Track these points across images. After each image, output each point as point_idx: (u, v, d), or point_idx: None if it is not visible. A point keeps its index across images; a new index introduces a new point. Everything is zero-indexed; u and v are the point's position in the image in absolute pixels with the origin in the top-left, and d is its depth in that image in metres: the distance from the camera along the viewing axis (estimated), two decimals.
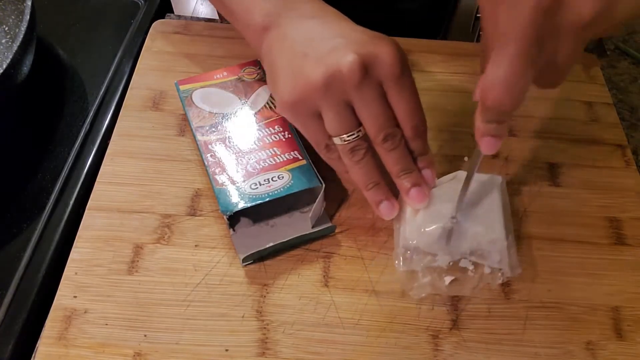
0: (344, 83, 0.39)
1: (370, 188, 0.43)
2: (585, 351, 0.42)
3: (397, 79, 0.40)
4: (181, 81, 0.51)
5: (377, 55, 0.39)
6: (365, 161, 0.42)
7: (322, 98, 0.40)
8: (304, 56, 0.40)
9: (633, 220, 0.49)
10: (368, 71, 0.39)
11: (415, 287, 0.44)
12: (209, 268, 0.44)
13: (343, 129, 0.41)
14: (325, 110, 0.40)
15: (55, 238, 0.47)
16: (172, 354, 0.40)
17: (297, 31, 0.42)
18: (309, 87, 0.39)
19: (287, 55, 0.41)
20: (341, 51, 0.39)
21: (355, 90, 0.39)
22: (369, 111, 0.40)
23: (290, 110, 0.42)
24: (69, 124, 0.55)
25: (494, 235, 0.43)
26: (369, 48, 0.39)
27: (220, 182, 0.44)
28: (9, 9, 0.58)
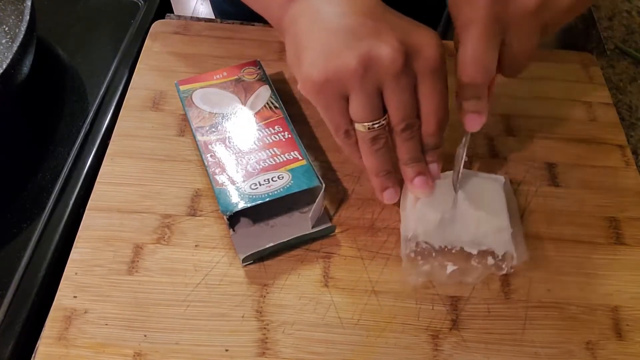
0: (383, 70, 0.37)
1: (382, 175, 0.44)
2: (585, 351, 0.42)
3: (435, 73, 0.39)
4: (181, 81, 0.51)
5: (419, 47, 0.38)
6: (382, 150, 0.42)
7: (355, 82, 0.38)
8: (339, 34, 0.38)
9: (632, 220, 0.49)
10: (408, 61, 0.38)
11: (414, 273, 0.44)
12: (209, 268, 0.44)
13: (370, 117, 0.40)
14: (356, 95, 0.39)
15: (55, 238, 0.47)
16: (172, 354, 0.40)
17: (328, 5, 0.39)
18: (344, 68, 0.37)
19: (319, 30, 0.39)
20: (384, 36, 0.37)
21: (392, 79, 0.38)
22: (398, 100, 0.39)
23: (316, 90, 0.39)
24: (69, 124, 0.55)
25: (499, 222, 0.44)
26: (412, 37, 0.38)
27: (220, 182, 0.44)
28: (9, 9, 0.58)
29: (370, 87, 0.38)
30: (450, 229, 0.44)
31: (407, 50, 0.37)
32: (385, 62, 0.37)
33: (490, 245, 0.44)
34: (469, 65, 0.39)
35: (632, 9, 0.69)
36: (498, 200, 0.45)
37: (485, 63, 0.39)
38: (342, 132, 0.41)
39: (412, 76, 0.39)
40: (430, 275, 0.44)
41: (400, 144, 0.42)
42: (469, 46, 0.39)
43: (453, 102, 0.42)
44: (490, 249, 0.44)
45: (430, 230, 0.44)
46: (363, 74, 0.37)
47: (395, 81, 0.38)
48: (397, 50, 0.37)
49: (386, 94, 0.39)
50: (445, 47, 0.39)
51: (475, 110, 0.41)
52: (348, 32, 0.38)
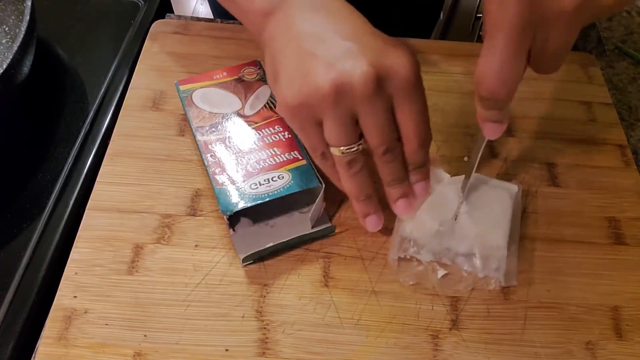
0: (354, 95, 0.37)
1: (361, 200, 0.43)
2: (585, 351, 0.42)
3: (410, 93, 0.38)
4: (181, 81, 0.51)
5: (391, 67, 0.37)
6: (360, 174, 0.41)
7: (328, 107, 0.37)
8: (313, 57, 0.37)
9: (632, 220, 0.49)
10: (381, 84, 0.37)
11: (406, 275, 0.44)
12: (209, 268, 0.44)
13: (344, 141, 0.39)
14: (329, 120, 0.38)
15: (56, 238, 0.47)
16: (172, 354, 0.40)
17: (305, 23, 0.39)
18: (316, 93, 0.37)
19: (293, 52, 0.39)
20: (354, 59, 0.37)
21: (364, 103, 0.37)
22: (374, 124, 0.38)
23: (290, 113, 0.40)
24: (69, 124, 0.55)
25: (496, 241, 0.43)
26: (384, 58, 0.37)
27: (220, 182, 0.44)
28: (9, 9, 0.58)
29: (343, 112, 0.38)
30: (445, 241, 0.44)
31: (378, 73, 0.37)
32: (357, 87, 0.36)
33: (484, 262, 0.44)
34: (491, 79, 0.35)
35: (632, 9, 0.69)
36: (502, 216, 0.45)
37: (511, 78, 0.35)
38: (319, 154, 0.41)
39: (386, 98, 0.38)
40: (421, 278, 0.44)
41: (381, 166, 0.41)
42: (492, 58, 0.35)
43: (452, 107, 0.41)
44: (482, 264, 0.44)
45: (425, 238, 0.44)
46: (335, 100, 0.37)
47: (369, 106, 0.37)
48: (368, 74, 0.36)
49: (361, 119, 0.38)
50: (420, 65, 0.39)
51: (496, 120, 0.39)
52: (321, 55, 0.37)
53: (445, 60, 0.59)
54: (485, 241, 0.44)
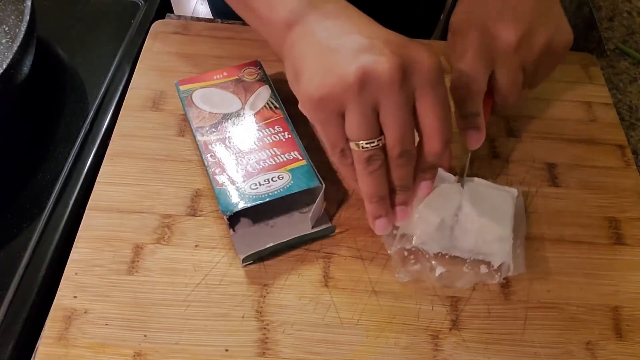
0: (380, 85, 0.36)
1: (375, 201, 0.42)
2: (585, 351, 0.42)
3: (434, 85, 0.38)
4: (181, 81, 0.51)
5: (416, 60, 0.37)
6: (378, 173, 0.40)
7: (352, 97, 0.37)
8: (336, 52, 0.38)
9: (632, 220, 0.49)
10: (406, 75, 0.37)
11: (403, 271, 0.44)
12: (209, 268, 0.44)
13: (365, 135, 0.38)
14: (352, 111, 0.38)
15: (55, 238, 0.47)
16: (172, 354, 0.40)
17: (325, 29, 0.39)
18: (341, 83, 0.37)
19: (315, 51, 0.39)
20: (379, 50, 0.37)
21: (389, 94, 0.37)
22: (395, 119, 0.38)
23: (314, 107, 0.39)
24: (69, 124, 0.55)
25: (501, 231, 0.43)
26: (407, 51, 0.37)
27: (220, 182, 0.44)
28: (9, 9, 0.58)
29: (367, 104, 0.37)
30: (449, 234, 0.44)
31: (404, 64, 0.37)
32: (383, 76, 0.36)
33: (488, 254, 0.44)
34: (463, 76, 0.44)
35: (633, 9, 0.69)
36: (504, 210, 0.45)
37: (476, 73, 0.44)
38: (338, 151, 0.40)
39: (410, 93, 0.38)
40: (419, 275, 0.44)
41: (394, 169, 0.41)
42: (462, 65, 0.44)
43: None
44: (486, 259, 0.44)
45: (428, 233, 0.44)
46: (360, 89, 0.37)
47: (392, 96, 0.37)
48: (394, 63, 0.36)
49: (382, 112, 0.38)
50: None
51: (475, 126, 0.45)
52: (344, 49, 0.38)
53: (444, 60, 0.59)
54: (488, 233, 0.43)
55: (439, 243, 0.44)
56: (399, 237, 0.45)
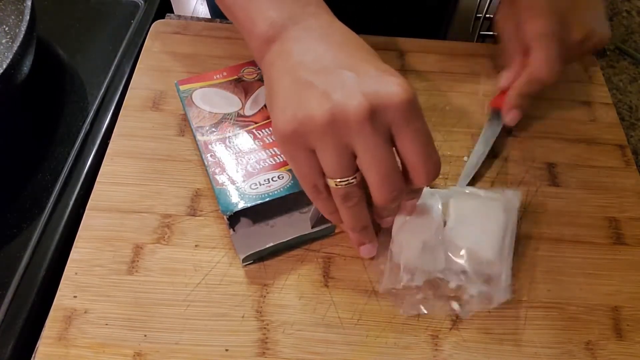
0: (349, 126, 0.36)
1: (357, 231, 0.42)
2: (585, 351, 0.42)
3: (409, 122, 0.36)
4: (181, 81, 0.51)
5: (387, 96, 0.36)
6: (357, 207, 0.40)
7: (321, 136, 0.36)
8: (309, 86, 0.37)
9: (632, 220, 0.49)
10: (376, 115, 0.35)
11: (407, 305, 0.43)
12: (209, 268, 0.44)
13: (339, 173, 0.37)
14: (322, 150, 0.37)
15: (55, 238, 0.47)
16: (172, 354, 0.40)
17: (303, 53, 0.39)
18: (310, 122, 0.36)
19: (290, 79, 0.38)
20: (350, 90, 0.36)
21: (359, 135, 0.36)
22: (371, 158, 0.37)
23: (283, 140, 0.38)
24: (69, 124, 0.55)
25: (487, 255, 0.42)
26: (379, 87, 0.36)
27: (220, 182, 0.44)
28: (9, 9, 0.58)
29: (338, 143, 0.36)
30: (433, 258, 0.42)
31: (372, 105, 0.35)
32: (351, 119, 0.35)
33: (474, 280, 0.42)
34: (544, 67, 0.49)
35: (632, 9, 0.69)
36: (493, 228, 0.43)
37: (556, 67, 0.49)
38: (310, 186, 0.40)
39: (385, 131, 0.36)
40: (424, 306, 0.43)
41: (376, 206, 0.40)
42: (541, 51, 0.48)
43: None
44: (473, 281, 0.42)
45: (413, 260, 0.42)
46: (329, 130, 0.36)
47: (364, 138, 0.36)
48: (363, 104, 0.35)
49: (357, 152, 0.37)
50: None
51: (522, 107, 0.52)
52: (318, 85, 0.37)
53: (446, 60, 0.59)
54: (476, 257, 0.42)
55: (426, 269, 0.42)
56: (388, 273, 0.43)
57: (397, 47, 0.59)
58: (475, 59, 0.59)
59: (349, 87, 0.36)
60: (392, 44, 0.59)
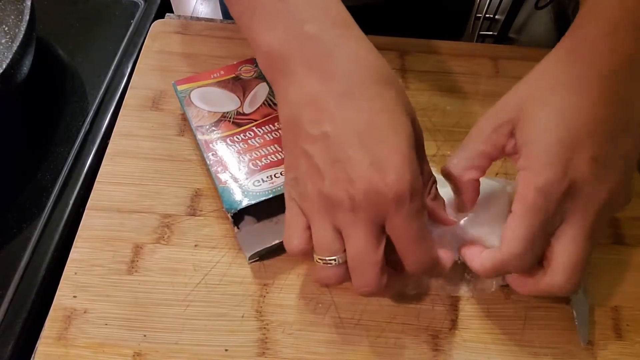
0: (336, 215, 0.35)
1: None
2: (585, 351, 0.42)
3: (395, 215, 0.34)
4: (179, 81, 0.51)
5: (377, 187, 0.33)
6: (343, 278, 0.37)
7: (312, 214, 0.36)
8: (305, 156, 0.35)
9: (632, 220, 0.49)
10: (363, 207, 0.34)
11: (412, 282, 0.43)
12: (209, 268, 0.44)
13: (320, 251, 0.36)
14: (312, 225, 0.36)
15: (55, 238, 0.47)
16: (171, 354, 0.40)
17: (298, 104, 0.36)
18: (302, 198, 0.36)
19: (290, 134, 0.37)
20: (340, 177, 0.34)
21: (344, 223, 0.35)
22: (349, 248, 0.35)
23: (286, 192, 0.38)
24: (68, 124, 0.55)
25: (493, 242, 0.43)
26: (370, 179, 0.33)
27: (223, 181, 0.44)
28: (9, 9, 0.58)
29: (326, 224, 0.35)
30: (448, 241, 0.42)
31: (359, 198, 0.33)
32: (338, 208, 0.34)
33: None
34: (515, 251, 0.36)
35: None
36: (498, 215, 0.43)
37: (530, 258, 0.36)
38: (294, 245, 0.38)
39: (373, 219, 0.34)
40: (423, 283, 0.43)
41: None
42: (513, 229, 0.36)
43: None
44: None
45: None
46: (317, 210, 0.35)
47: (348, 225, 0.35)
48: (349, 196, 0.34)
49: (344, 235, 0.35)
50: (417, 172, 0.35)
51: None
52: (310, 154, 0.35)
53: (446, 60, 0.59)
54: (486, 241, 0.43)
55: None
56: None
57: (398, 47, 0.59)
58: (476, 59, 0.59)
59: (340, 173, 0.34)
60: (393, 44, 0.59)
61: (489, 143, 0.38)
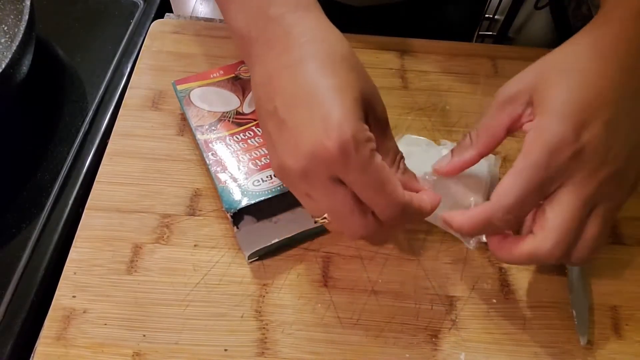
0: (294, 182, 0.36)
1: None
2: (584, 351, 0.42)
3: (345, 173, 0.34)
4: (178, 81, 0.51)
5: (321, 146, 0.33)
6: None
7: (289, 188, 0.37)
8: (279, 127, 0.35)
9: (631, 220, 0.49)
10: (315, 166, 0.33)
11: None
12: (208, 268, 0.44)
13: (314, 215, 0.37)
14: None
15: (55, 238, 0.47)
16: (171, 354, 0.40)
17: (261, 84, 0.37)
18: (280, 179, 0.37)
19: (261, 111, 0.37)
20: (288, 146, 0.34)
21: (308, 188, 0.35)
22: (324, 208, 0.36)
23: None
24: (68, 124, 0.55)
25: (475, 199, 0.42)
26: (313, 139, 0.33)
27: (223, 180, 0.44)
28: (8, 9, 0.58)
29: (298, 192, 0.36)
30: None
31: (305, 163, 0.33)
32: (292, 177, 0.35)
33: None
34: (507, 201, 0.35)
35: None
36: (479, 178, 0.44)
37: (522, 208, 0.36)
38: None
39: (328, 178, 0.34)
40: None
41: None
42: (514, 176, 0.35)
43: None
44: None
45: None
46: (288, 184, 0.36)
47: (311, 190, 0.35)
48: (297, 164, 0.34)
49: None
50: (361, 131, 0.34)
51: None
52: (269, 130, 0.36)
53: (446, 60, 0.59)
54: (464, 198, 0.42)
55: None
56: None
57: (398, 47, 0.59)
58: (475, 59, 0.59)
59: (287, 144, 0.34)
60: (393, 44, 0.59)
61: (506, 115, 0.38)
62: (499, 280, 0.45)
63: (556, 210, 0.35)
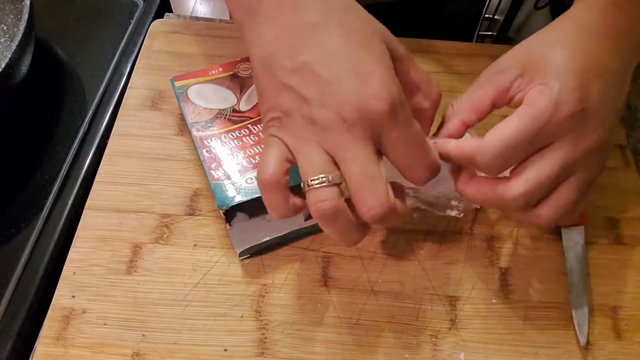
0: (327, 138, 0.34)
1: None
2: (584, 351, 0.42)
3: (388, 132, 0.34)
4: (177, 77, 0.51)
5: (369, 102, 0.33)
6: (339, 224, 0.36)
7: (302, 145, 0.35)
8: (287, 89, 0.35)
9: (632, 220, 0.49)
10: (361, 121, 0.33)
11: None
12: (208, 268, 0.44)
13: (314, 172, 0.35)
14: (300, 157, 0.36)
15: (54, 238, 0.47)
16: (170, 354, 0.40)
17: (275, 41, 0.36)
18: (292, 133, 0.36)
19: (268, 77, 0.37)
20: (325, 101, 0.34)
21: (343, 146, 0.34)
22: (346, 170, 0.34)
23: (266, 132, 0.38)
24: (67, 124, 0.55)
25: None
26: (361, 94, 0.33)
27: (217, 177, 0.44)
28: (8, 9, 0.58)
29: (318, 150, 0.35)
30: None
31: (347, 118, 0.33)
32: (329, 131, 0.34)
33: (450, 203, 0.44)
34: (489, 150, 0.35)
35: None
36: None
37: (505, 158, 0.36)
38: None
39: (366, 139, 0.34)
40: None
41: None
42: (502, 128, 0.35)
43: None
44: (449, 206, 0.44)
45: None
46: (309, 139, 0.35)
47: (342, 150, 0.34)
48: (337, 119, 0.33)
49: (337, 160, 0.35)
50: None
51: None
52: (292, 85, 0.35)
53: (446, 60, 0.59)
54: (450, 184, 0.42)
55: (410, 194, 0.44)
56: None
57: None
58: (475, 59, 0.59)
59: (328, 97, 0.34)
60: None
61: (492, 86, 0.38)
62: (499, 280, 0.45)
63: (537, 163, 0.35)
